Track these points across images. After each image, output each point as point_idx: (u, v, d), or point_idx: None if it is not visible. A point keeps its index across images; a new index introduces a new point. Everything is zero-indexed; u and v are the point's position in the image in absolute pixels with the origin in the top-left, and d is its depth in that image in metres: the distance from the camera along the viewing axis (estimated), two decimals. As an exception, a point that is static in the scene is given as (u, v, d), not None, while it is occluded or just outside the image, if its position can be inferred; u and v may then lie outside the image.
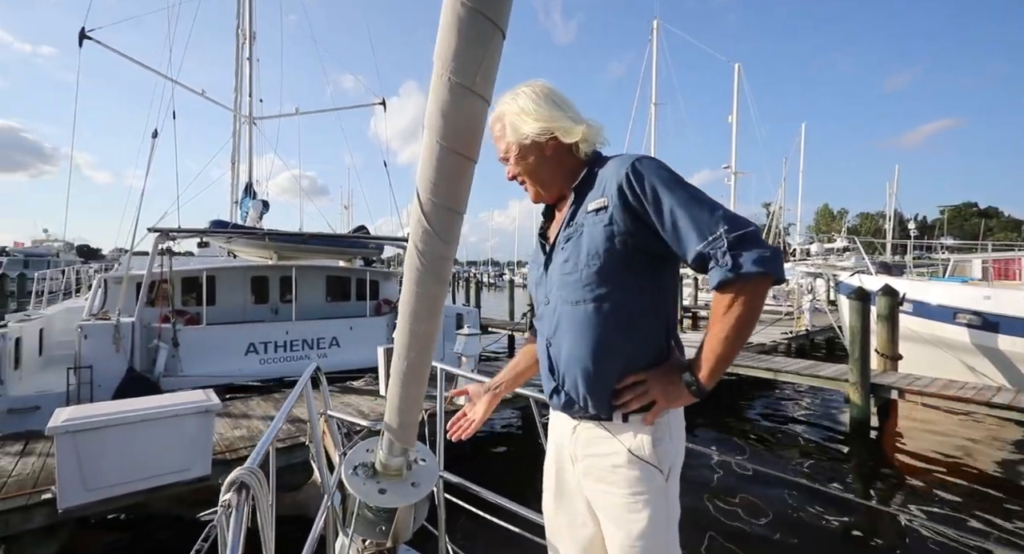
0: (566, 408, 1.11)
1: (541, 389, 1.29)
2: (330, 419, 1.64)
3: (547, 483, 1.23)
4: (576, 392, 1.08)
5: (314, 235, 8.76)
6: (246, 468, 0.81)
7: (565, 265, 1.08)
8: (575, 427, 1.13)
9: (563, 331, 1.08)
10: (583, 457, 1.10)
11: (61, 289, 11.70)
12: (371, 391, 6.17)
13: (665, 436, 1.06)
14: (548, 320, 1.13)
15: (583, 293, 1.04)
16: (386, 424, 1.17)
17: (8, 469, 3.85)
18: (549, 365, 1.13)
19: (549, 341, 1.13)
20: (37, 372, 6.65)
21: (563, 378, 1.10)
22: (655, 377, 1.03)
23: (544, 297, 1.15)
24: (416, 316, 1.06)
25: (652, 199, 0.98)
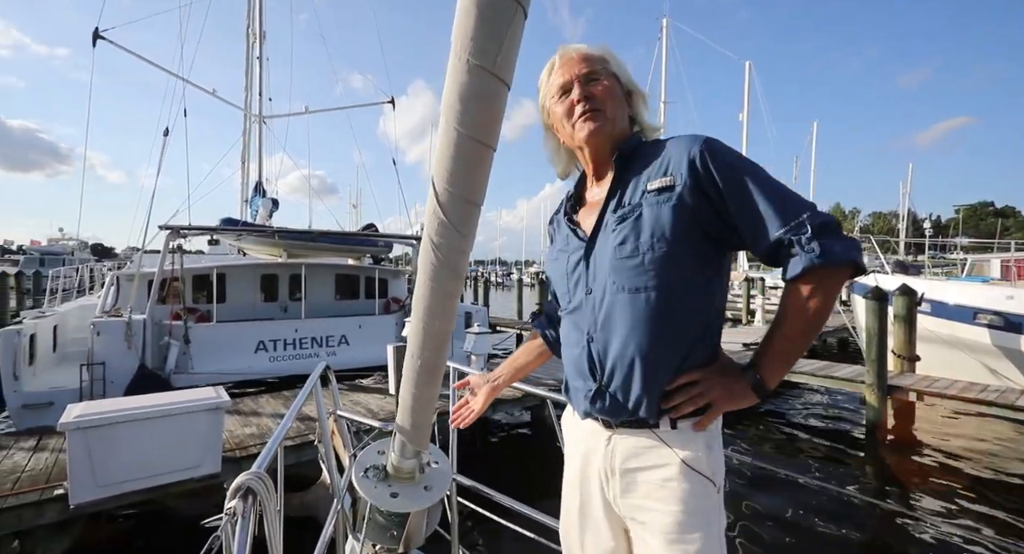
0: (610, 414, 0.98)
1: (558, 389, 1.23)
2: (340, 419, 1.60)
3: (569, 501, 1.11)
4: (627, 394, 0.95)
5: (323, 233, 8.77)
6: (253, 473, 0.76)
7: (622, 248, 0.96)
8: (609, 438, 1.00)
9: (616, 323, 0.96)
10: (623, 471, 0.97)
11: (75, 287, 11.84)
12: (380, 389, 6.15)
13: (715, 443, 0.96)
14: (590, 313, 1.00)
15: (645, 279, 0.93)
16: (398, 425, 1.13)
17: (22, 464, 3.88)
18: (589, 364, 1.00)
19: (591, 336, 1.00)
20: (51, 368, 6.71)
21: (610, 378, 0.97)
22: (713, 376, 0.93)
23: (584, 287, 1.02)
24: (431, 312, 1.01)
25: (728, 181, 0.90)
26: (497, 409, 5.80)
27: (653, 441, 0.95)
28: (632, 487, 0.96)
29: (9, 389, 5.51)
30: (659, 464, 0.94)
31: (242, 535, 0.67)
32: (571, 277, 1.07)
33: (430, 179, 0.97)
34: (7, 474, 3.68)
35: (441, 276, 0.98)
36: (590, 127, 1.03)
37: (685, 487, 0.91)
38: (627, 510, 0.98)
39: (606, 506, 1.02)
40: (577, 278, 1.05)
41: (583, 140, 1.05)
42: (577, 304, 1.05)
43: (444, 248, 0.96)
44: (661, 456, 0.94)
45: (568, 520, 1.11)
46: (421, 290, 1.00)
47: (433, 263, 0.97)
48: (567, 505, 1.11)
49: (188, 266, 7.30)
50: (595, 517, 1.04)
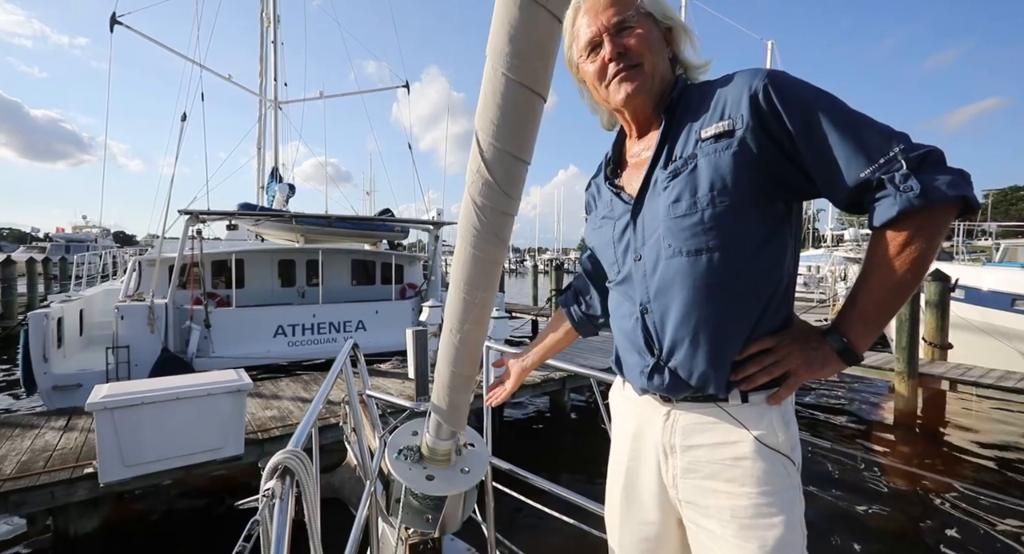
0: (671, 389, 0.89)
1: (605, 369, 1.15)
2: (368, 399, 1.54)
3: (614, 482, 1.03)
4: (691, 368, 0.86)
5: (340, 217, 8.76)
6: (290, 451, 0.70)
7: (676, 206, 0.85)
8: (668, 412, 0.91)
9: (674, 290, 0.86)
10: (685, 448, 0.89)
11: (99, 272, 12.07)
12: (398, 373, 6.15)
13: (791, 419, 0.87)
14: (642, 281, 0.91)
15: (705, 240, 0.82)
16: (434, 405, 1.06)
17: (53, 443, 3.96)
18: (644, 337, 0.91)
19: (645, 307, 0.91)
20: (79, 351, 6.85)
21: (670, 352, 0.88)
22: (790, 343, 0.82)
23: (634, 253, 0.93)
24: (472, 283, 0.93)
25: (798, 117, 0.77)
26: (517, 394, 5.76)
27: (721, 416, 0.86)
28: (696, 466, 0.87)
29: (40, 371, 5.64)
30: (728, 441, 0.85)
31: (281, 517, 0.60)
32: (618, 244, 0.98)
33: (474, 134, 0.88)
34: (39, 453, 3.76)
35: (484, 242, 0.89)
36: (627, 89, 0.92)
37: (761, 466, 0.82)
38: (688, 493, 0.89)
39: (659, 488, 0.93)
40: (625, 245, 0.96)
41: (620, 103, 0.94)
42: (627, 273, 0.96)
43: (488, 211, 0.88)
44: (731, 433, 0.85)
45: (611, 501, 1.04)
46: (461, 258, 0.92)
47: (476, 227, 0.89)
48: (612, 485, 1.04)
49: (207, 251, 7.36)
50: (642, 500, 0.96)
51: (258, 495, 0.63)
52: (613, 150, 1.06)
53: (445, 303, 0.98)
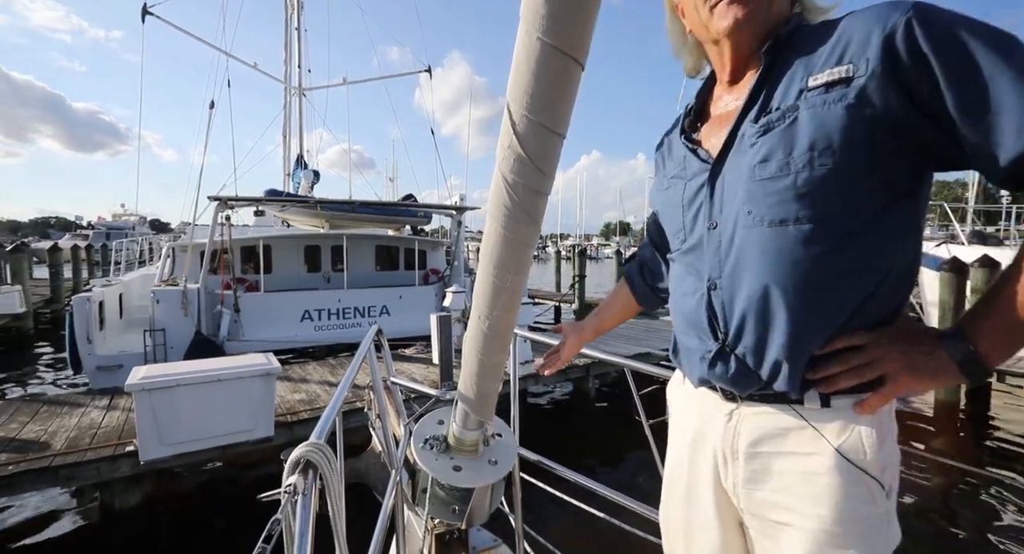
0: (735, 382, 0.77)
1: (635, 356, 1.09)
2: (393, 386, 1.52)
3: (673, 485, 0.93)
4: (760, 358, 0.73)
5: (364, 203, 8.82)
6: (312, 444, 0.67)
7: (764, 167, 0.71)
8: (731, 412, 0.80)
9: (751, 265, 0.73)
10: (750, 455, 0.77)
11: (136, 258, 12.54)
12: (422, 359, 6.21)
13: (889, 433, 0.72)
14: (714, 252, 0.78)
15: (797, 208, 0.68)
16: (461, 394, 1.01)
17: (98, 421, 4.14)
18: (709, 318, 0.79)
19: (714, 282, 0.78)
20: (120, 333, 7.14)
21: (738, 336, 0.75)
22: (889, 341, 0.68)
23: (707, 219, 0.80)
24: (502, 265, 0.87)
25: (954, 63, 0.59)
26: (540, 380, 5.74)
27: (794, 421, 0.73)
28: (763, 476, 0.76)
29: (84, 351, 5.90)
30: (802, 452, 0.72)
31: (304, 514, 0.57)
32: (688, 208, 0.85)
33: (505, 106, 0.81)
34: (86, 430, 3.94)
35: (515, 221, 0.83)
36: (737, 14, 0.74)
37: (839, 486, 0.69)
38: (752, 504, 0.78)
39: (718, 495, 0.83)
40: (697, 209, 0.83)
41: (724, 32, 0.77)
42: (695, 242, 0.83)
43: (520, 188, 0.82)
44: (806, 442, 0.72)
45: (671, 506, 0.94)
46: (491, 239, 0.87)
47: (507, 206, 0.83)
48: (670, 490, 0.94)
49: (236, 237, 7.52)
50: (703, 507, 0.85)
51: (280, 489, 0.60)
52: (696, 100, 0.91)
53: (473, 287, 0.93)
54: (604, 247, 61.00)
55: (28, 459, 3.37)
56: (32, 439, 3.73)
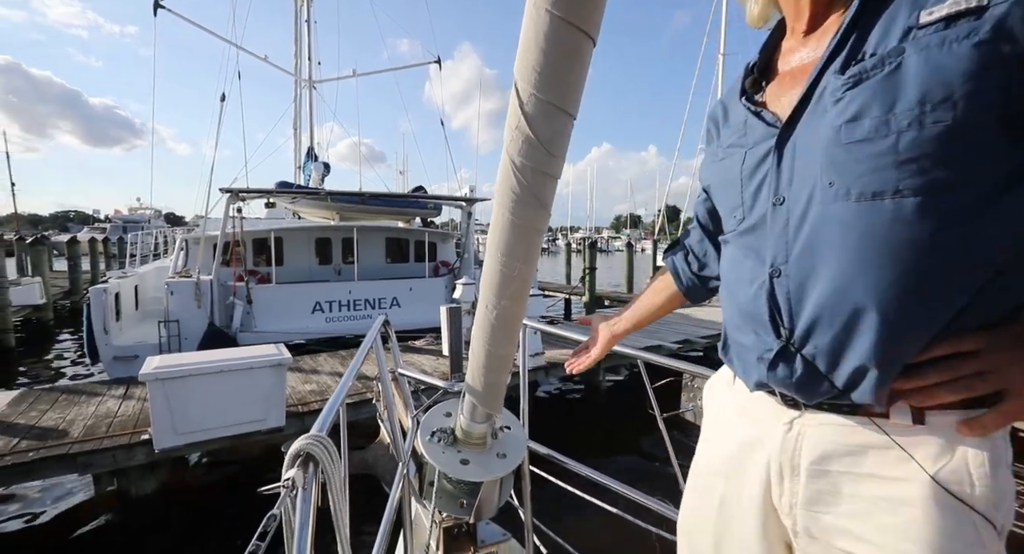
0: (801, 387, 0.65)
1: (648, 348, 1.05)
2: (401, 377, 1.50)
3: (702, 494, 0.84)
4: (836, 359, 0.61)
5: (374, 195, 8.83)
6: (313, 437, 0.64)
7: (854, 127, 0.58)
8: (793, 420, 0.69)
9: (831, 248, 0.61)
10: (815, 473, 0.66)
11: (151, 251, 12.72)
12: (432, 350, 6.22)
13: (1003, 460, 0.59)
14: (781, 232, 0.66)
15: (900, 176, 0.55)
16: (468, 386, 0.99)
17: (114, 410, 4.21)
18: (771, 310, 0.67)
19: (777, 269, 0.66)
20: (135, 324, 7.25)
21: (807, 332, 0.63)
22: (1010, 347, 0.56)
23: (772, 193, 0.68)
24: (510, 253, 0.84)
25: None
26: (549, 373, 5.72)
27: (875, 437, 0.61)
28: (830, 498, 0.65)
29: (101, 342, 6.01)
30: (885, 475, 0.60)
31: (304, 510, 0.55)
32: (748, 181, 0.73)
33: (512, 85, 0.77)
34: (102, 418, 4.00)
35: (523, 206, 0.80)
36: None
37: (935, 521, 0.57)
38: (815, 527, 0.67)
39: (766, 513, 0.72)
40: (760, 181, 0.71)
41: None
42: (756, 220, 0.71)
43: (528, 171, 0.78)
44: (890, 463, 0.60)
45: (697, 517, 0.85)
46: (498, 225, 0.83)
47: (514, 190, 0.79)
48: (698, 498, 0.85)
49: (247, 230, 7.57)
50: (746, 524, 0.75)
51: (279, 483, 0.57)
52: (760, 56, 0.78)
53: (480, 277, 0.90)
54: (614, 240, 60.63)
55: (47, 446, 3.43)
56: (51, 427, 3.80)
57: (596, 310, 9.63)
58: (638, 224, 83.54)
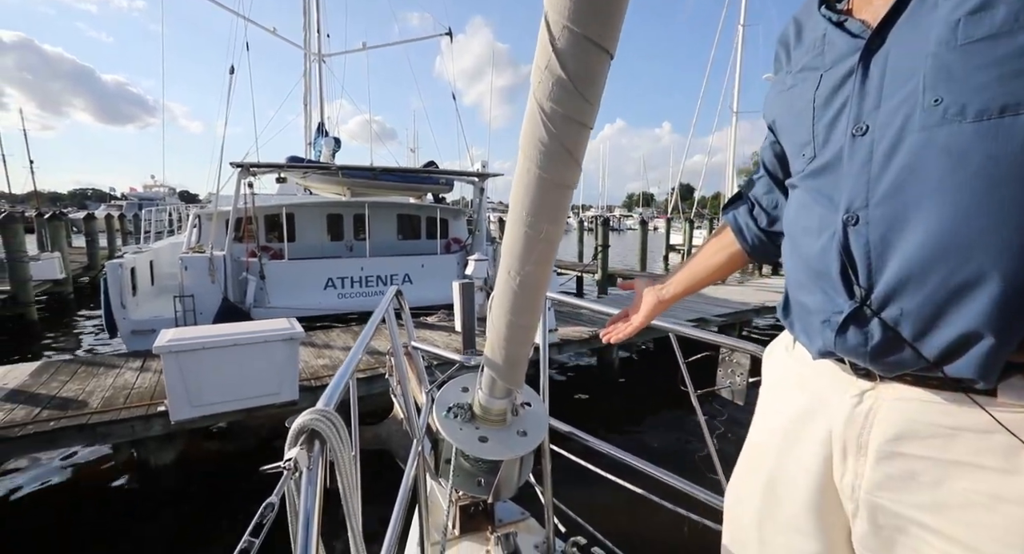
0: (879, 355, 0.56)
1: (689, 321, 0.97)
2: (414, 351, 1.44)
3: (751, 466, 0.77)
4: (932, 325, 0.51)
5: (385, 169, 8.72)
6: (318, 411, 0.58)
7: (976, 20, 0.46)
8: (865, 392, 0.60)
9: (929, 184, 0.50)
10: (887, 454, 0.57)
11: (166, 227, 12.83)
12: (445, 327, 6.20)
13: None
14: (860, 170, 0.55)
15: None
16: (488, 359, 0.92)
17: (131, 382, 4.26)
18: (843, 263, 0.57)
19: (854, 214, 0.56)
20: (151, 299, 7.34)
21: (891, 292, 0.53)
22: None
23: (851, 122, 0.57)
24: (535, 213, 0.75)
25: None
26: (562, 350, 5.68)
27: (974, 418, 0.51)
28: (905, 485, 0.56)
29: (119, 316, 6.09)
30: (984, 465, 0.51)
31: (309, 493, 0.49)
32: (823, 109, 0.61)
33: (542, 17, 0.68)
34: (120, 390, 4.06)
35: (552, 159, 0.71)
36: None
37: None
38: (884, 514, 0.59)
39: (825, 492, 0.65)
40: (838, 109, 0.59)
41: None
42: (830, 157, 0.59)
43: (558, 119, 0.69)
44: (992, 451, 0.51)
45: (741, 493, 0.78)
46: (523, 181, 0.74)
47: (542, 141, 0.70)
48: (747, 476, 0.78)
49: (259, 205, 7.54)
50: (796, 503, 0.68)
51: (281, 462, 0.51)
52: None
53: (495, 256, 0.82)
54: (626, 218, 59.90)
55: (68, 416, 3.49)
56: (71, 398, 3.86)
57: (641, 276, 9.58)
58: (651, 203, 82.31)
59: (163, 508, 3.64)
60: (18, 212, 12.99)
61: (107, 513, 3.62)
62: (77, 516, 3.62)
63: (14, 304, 9.18)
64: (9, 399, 3.81)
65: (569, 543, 1.22)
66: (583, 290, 12.84)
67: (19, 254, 9.22)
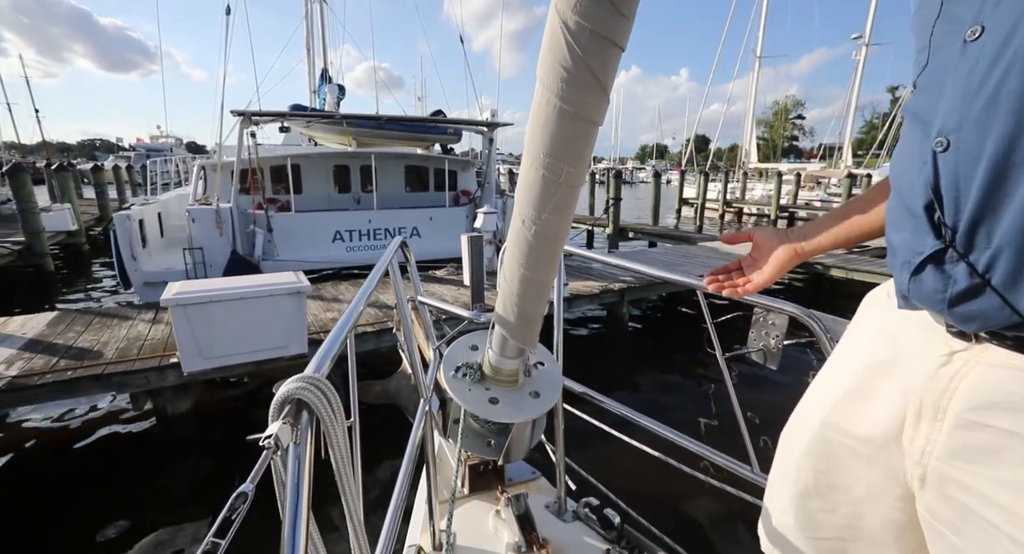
0: (955, 304, 0.49)
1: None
2: (421, 306, 1.37)
3: (804, 419, 0.71)
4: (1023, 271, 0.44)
5: (391, 118, 8.41)
6: (306, 378, 0.51)
7: None
8: (955, 353, 0.53)
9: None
10: (966, 422, 0.52)
11: (172, 179, 12.71)
12: (454, 281, 6.17)
13: None
14: (962, 85, 0.46)
15: None
16: (499, 316, 0.84)
17: (144, 333, 4.32)
18: (930, 194, 0.50)
19: (945, 138, 0.48)
20: (162, 251, 7.35)
21: (977, 229, 0.46)
22: None
23: (964, 24, 0.47)
24: (555, 152, 0.65)
25: None
26: (572, 305, 5.64)
27: None
28: (984, 457, 0.51)
29: (131, 268, 6.13)
30: None
31: (296, 473, 0.43)
32: (947, 11, 0.50)
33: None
34: (134, 341, 4.12)
35: (575, 87, 0.60)
36: None
37: None
38: (951, 484, 0.54)
39: (888, 450, 0.60)
40: (959, 10, 0.48)
41: None
42: (936, 70, 0.50)
43: (585, 38, 0.57)
44: None
45: (793, 436, 0.72)
46: (542, 113, 0.63)
47: (564, 66, 0.59)
48: (799, 417, 0.73)
49: (263, 156, 7.37)
50: (850, 462, 0.63)
51: (264, 434, 0.45)
52: None
53: (505, 209, 0.72)
54: (639, 171, 58.35)
55: (84, 366, 3.56)
56: (87, 348, 3.93)
57: (756, 229, 9.43)
58: (664, 155, 79.86)
59: (182, 454, 3.77)
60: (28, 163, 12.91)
61: (125, 461, 3.76)
62: (94, 463, 3.77)
63: (30, 255, 9.29)
64: (28, 348, 3.89)
65: (581, 504, 1.20)
66: (593, 245, 12.68)
67: (29, 204, 9.22)
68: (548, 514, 1.20)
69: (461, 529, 1.10)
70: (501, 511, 1.13)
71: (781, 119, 47.80)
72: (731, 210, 22.07)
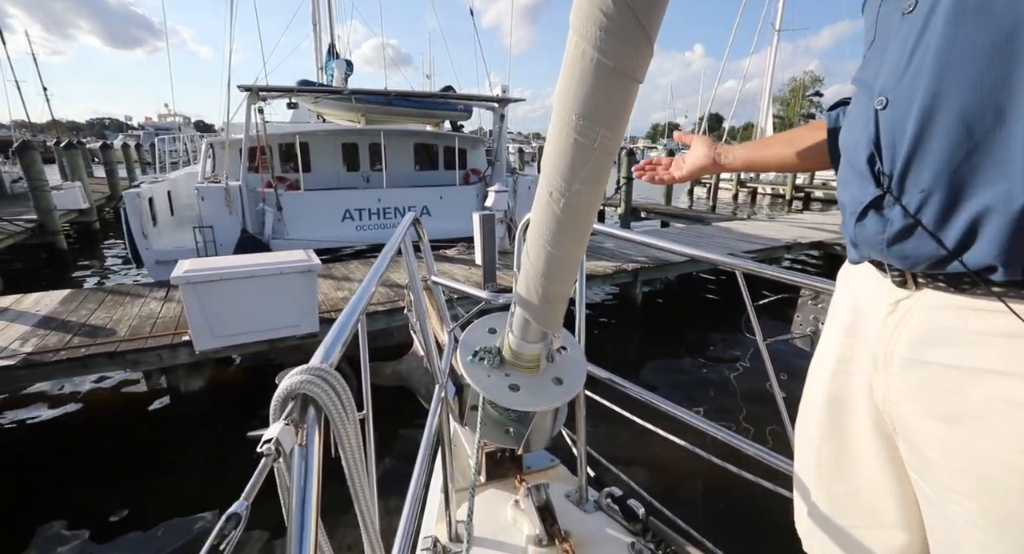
0: (894, 244, 0.53)
1: (747, 257, 0.80)
2: (434, 286, 1.31)
3: (813, 394, 0.72)
4: (951, 206, 0.48)
5: (400, 94, 8.26)
6: (312, 369, 0.45)
7: None
8: (899, 301, 0.56)
9: (951, 54, 0.46)
10: (909, 362, 0.54)
11: (181, 158, 12.68)
12: (464, 260, 6.11)
13: None
14: (898, 50, 0.52)
15: None
16: (520, 297, 0.78)
17: (156, 311, 4.34)
18: (871, 149, 0.54)
19: (884, 97, 0.53)
20: (172, 230, 7.36)
21: (912, 174, 0.50)
22: None
23: (906, 2, 0.52)
24: (591, 113, 0.57)
25: None
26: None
27: (1005, 321, 0.47)
28: (924, 396, 0.53)
29: (142, 246, 6.15)
30: (1013, 371, 0.47)
31: (303, 476, 0.37)
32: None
33: None
34: (146, 319, 4.14)
35: (616, 38, 0.52)
36: None
37: None
38: (905, 429, 0.56)
39: (870, 413, 0.61)
40: None
41: None
42: (879, 42, 0.56)
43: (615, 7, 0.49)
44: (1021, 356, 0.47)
45: (805, 421, 0.73)
46: (575, 69, 0.56)
47: (604, 10, 0.51)
48: (809, 399, 0.74)
49: (272, 133, 7.27)
50: (848, 430, 0.64)
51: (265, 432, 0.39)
52: None
53: (544, 152, 0.65)
54: (651, 150, 57.28)
55: (97, 343, 3.59)
56: (100, 325, 3.96)
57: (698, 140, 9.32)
58: (677, 133, 77.96)
59: (196, 430, 3.81)
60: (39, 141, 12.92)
61: (138, 437, 3.81)
62: (116, 439, 3.83)
63: (43, 233, 9.37)
64: (42, 325, 3.93)
65: (603, 494, 1.16)
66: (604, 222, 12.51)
67: (40, 182, 9.26)
68: (569, 504, 1.16)
69: (478, 520, 1.06)
70: (520, 501, 1.09)
71: (798, 96, 46.36)
72: (745, 190, 21.64)
